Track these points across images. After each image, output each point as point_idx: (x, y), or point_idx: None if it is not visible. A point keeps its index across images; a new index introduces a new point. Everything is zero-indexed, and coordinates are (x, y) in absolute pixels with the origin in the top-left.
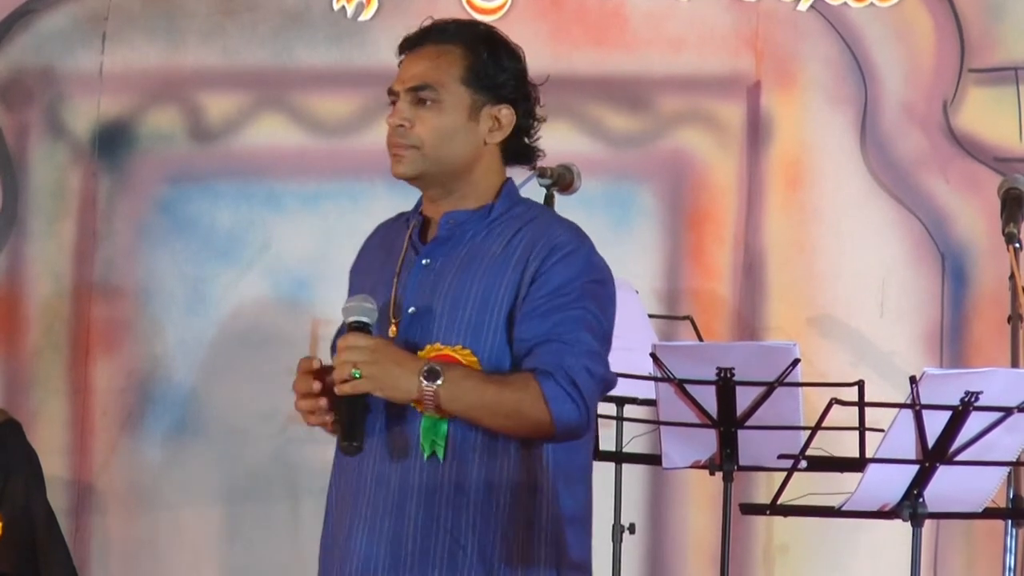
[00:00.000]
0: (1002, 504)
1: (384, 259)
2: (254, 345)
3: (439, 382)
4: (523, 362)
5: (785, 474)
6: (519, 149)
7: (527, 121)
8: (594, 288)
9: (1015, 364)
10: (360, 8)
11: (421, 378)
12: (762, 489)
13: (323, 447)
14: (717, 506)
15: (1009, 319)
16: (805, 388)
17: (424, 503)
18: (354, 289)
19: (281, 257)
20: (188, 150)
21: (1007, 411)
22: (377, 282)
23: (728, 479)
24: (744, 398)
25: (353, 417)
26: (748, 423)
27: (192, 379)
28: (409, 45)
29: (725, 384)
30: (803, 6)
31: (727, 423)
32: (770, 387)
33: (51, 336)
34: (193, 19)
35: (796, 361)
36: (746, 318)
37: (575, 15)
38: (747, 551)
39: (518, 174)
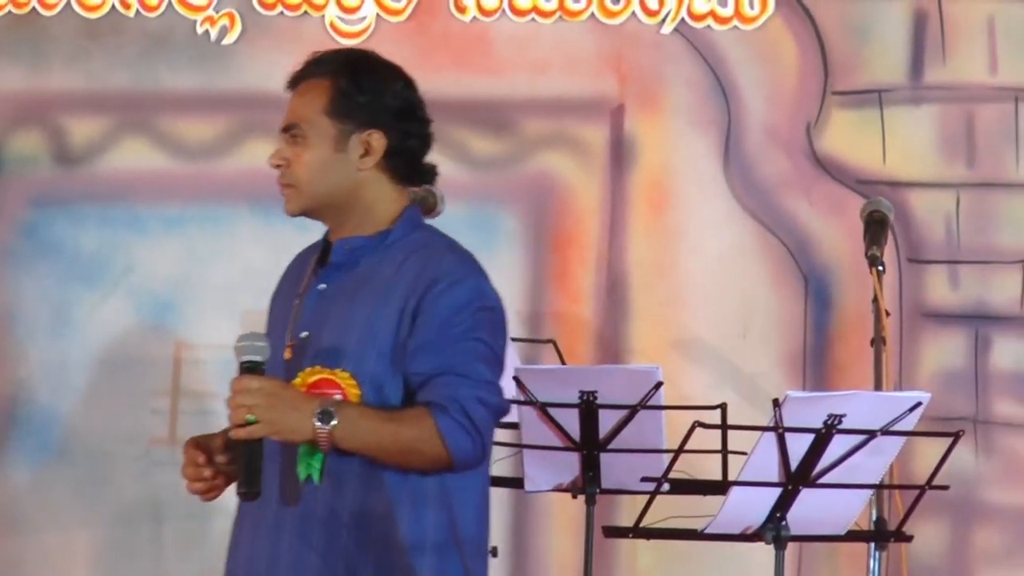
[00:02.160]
0: (865, 527)
1: (293, 284)
2: (118, 368)
3: (333, 423)
4: (418, 395)
5: (648, 497)
6: (406, 170)
7: (406, 142)
8: (484, 316)
9: (878, 387)
10: (224, 32)
11: (315, 420)
12: (625, 512)
13: None
14: (580, 529)
15: (872, 342)
16: (668, 411)
17: (299, 525)
18: (271, 314)
19: (144, 280)
20: (52, 173)
21: (870, 434)
22: (284, 307)
23: (591, 502)
24: (607, 421)
25: (250, 463)
26: (611, 446)
27: (56, 402)
28: (290, 83)
29: (588, 407)
30: (666, 29)
31: (590, 446)
32: (633, 410)
33: None
34: (57, 42)
35: (659, 384)
36: (609, 341)
37: (439, 39)
38: (610, 574)
39: None
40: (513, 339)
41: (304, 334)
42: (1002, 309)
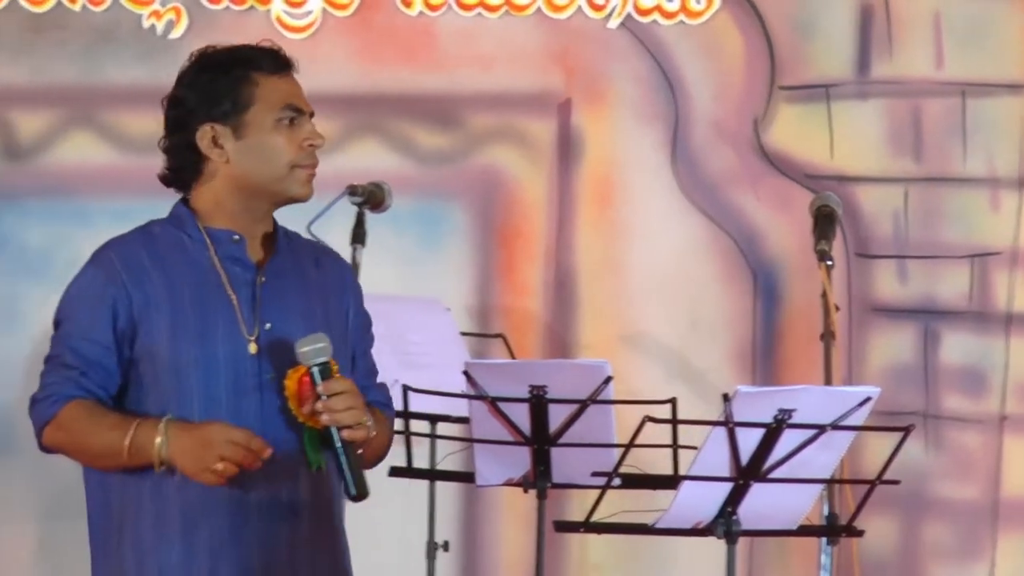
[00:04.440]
0: (816, 521)
1: (184, 277)
2: None
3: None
4: (365, 393)
5: (599, 492)
6: None
7: None
8: None
9: (828, 381)
10: (170, 26)
11: (368, 423)
12: (576, 507)
13: None
14: (531, 524)
15: (821, 336)
16: (618, 405)
17: (313, 512)
18: (133, 310)
19: None
20: None
21: (820, 428)
22: (193, 302)
23: (542, 497)
24: (557, 416)
25: (360, 465)
26: (561, 441)
27: (5, 397)
28: (287, 65)
29: (538, 402)
30: (613, 23)
31: (540, 441)
32: (582, 405)
33: None
34: (2, 36)
35: (608, 379)
36: (558, 335)
37: (385, 33)
38: (561, 569)
39: (331, 193)
40: (463, 333)
41: (268, 325)
42: (950, 303)
